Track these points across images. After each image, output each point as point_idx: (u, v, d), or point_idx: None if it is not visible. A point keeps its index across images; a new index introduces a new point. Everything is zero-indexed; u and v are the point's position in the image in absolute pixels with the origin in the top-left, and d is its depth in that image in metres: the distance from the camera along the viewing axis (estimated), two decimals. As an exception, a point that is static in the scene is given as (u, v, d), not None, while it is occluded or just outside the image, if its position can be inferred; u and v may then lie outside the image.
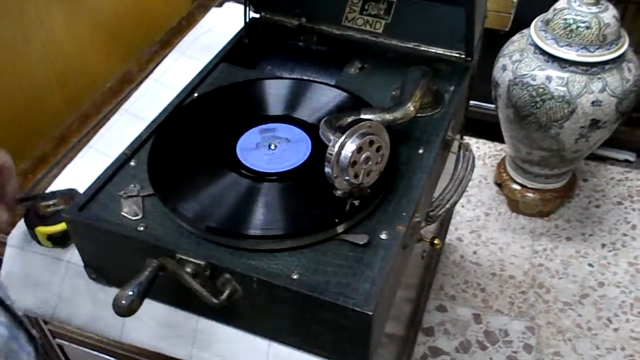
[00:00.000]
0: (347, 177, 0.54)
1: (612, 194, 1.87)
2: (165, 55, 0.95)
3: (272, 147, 0.64)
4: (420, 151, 0.65)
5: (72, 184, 0.72)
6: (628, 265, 1.67)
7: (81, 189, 0.63)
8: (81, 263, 0.64)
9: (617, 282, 1.63)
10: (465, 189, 0.64)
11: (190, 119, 0.69)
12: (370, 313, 0.51)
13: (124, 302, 0.50)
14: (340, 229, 0.57)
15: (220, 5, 1.07)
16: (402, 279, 0.65)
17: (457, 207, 1.83)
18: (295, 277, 0.54)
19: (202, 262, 0.55)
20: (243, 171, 0.62)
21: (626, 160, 1.95)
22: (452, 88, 0.74)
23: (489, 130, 1.89)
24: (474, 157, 0.65)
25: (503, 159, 1.84)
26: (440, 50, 0.78)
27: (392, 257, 0.55)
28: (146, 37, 0.98)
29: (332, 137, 0.54)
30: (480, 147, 2.01)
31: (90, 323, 0.67)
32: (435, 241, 1.15)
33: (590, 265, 1.67)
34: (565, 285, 1.63)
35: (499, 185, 1.86)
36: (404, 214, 0.58)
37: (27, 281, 0.68)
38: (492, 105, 1.65)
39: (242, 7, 1.02)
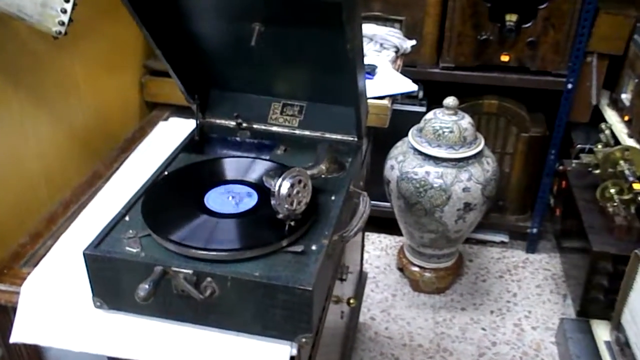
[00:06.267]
0: (286, 206, 0.81)
1: (494, 269, 2.20)
2: (127, 157, 1.20)
3: (230, 198, 0.90)
4: (333, 198, 0.94)
5: (65, 250, 0.93)
6: (514, 326, 1.96)
7: (74, 253, 0.83)
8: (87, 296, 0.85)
9: (507, 341, 1.91)
10: (366, 220, 0.92)
11: (168, 186, 0.95)
12: (310, 289, 0.76)
13: (142, 293, 0.72)
14: (284, 243, 0.83)
15: (166, 119, 1.35)
16: (328, 282, 0.90)
17: (368, 291, 2.09)
18: (257, 274, 0.79)
19: (190, 271, 0.78)
20: (212, 213, 0.88)
21: (502, 242, 2.32)
22: (350, 159, 1.05)
23: (389, 225, 2.21)
24: (369, 200, 0.94)
25: (402, 247, 2.15)
26: (339, 136, 1.09)
27: (321, 259, 0.81)
28: (108, 145, 1.24)
29: (272, 181, 0.82)
30: (382, 240, 2.32)
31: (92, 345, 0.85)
32: (351, 301, 1.42)
33: (483, 329, 1.96)
34: (465, 347, 1.89)
35: (400, 269, 2.16)
36: (326, 233, 0.86)
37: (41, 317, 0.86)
38: (389, 204, 1.99)
39: (184, 120, 1.32)
